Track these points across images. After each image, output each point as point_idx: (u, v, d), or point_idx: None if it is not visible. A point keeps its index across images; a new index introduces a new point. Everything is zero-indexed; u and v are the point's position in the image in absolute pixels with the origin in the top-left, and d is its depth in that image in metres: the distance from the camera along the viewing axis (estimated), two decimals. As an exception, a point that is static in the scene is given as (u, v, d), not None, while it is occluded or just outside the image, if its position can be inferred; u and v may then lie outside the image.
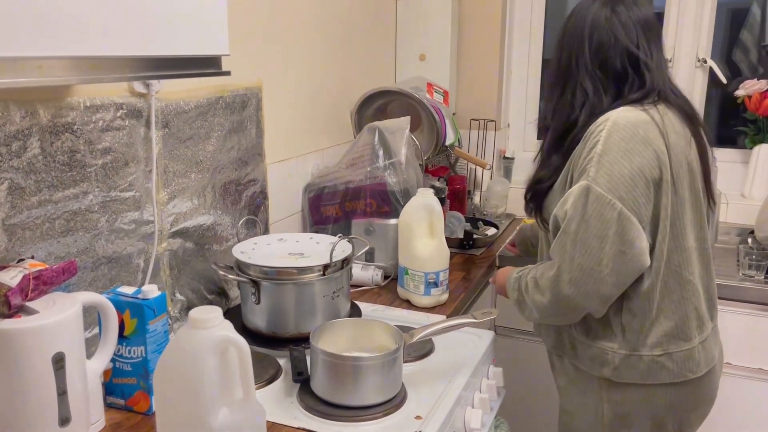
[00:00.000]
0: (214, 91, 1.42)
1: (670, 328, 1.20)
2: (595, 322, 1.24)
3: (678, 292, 1.21)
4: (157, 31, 0.87)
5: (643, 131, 1.16)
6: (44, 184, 1.06)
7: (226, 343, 0.83)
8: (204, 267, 1.44)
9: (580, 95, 1.24)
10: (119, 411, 1.11)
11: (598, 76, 1.23)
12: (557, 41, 1.31)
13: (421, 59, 2.38)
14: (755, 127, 2.27)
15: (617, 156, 1.14)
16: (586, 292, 1.15)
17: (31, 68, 0.73)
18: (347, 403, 1.10)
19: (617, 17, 1.24)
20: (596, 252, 1.13)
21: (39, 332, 0.87)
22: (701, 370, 1.23)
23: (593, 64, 1.24)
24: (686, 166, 1.21)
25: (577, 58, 1.25)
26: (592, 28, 1.24)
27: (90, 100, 1.12)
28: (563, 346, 1.32)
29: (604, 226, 1.12)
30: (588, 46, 1.24)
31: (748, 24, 2.34)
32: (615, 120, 1.17)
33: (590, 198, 1.13)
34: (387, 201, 1.72)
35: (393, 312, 1.52)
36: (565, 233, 1.16)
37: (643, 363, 1.20)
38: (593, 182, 1.13)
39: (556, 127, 1.28)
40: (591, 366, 1.25)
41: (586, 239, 1.13)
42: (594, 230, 1.13)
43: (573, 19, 1.28)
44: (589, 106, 1.23)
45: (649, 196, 1.15)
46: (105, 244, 1.18)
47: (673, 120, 1.22)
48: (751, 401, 1.86)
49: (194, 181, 1.39)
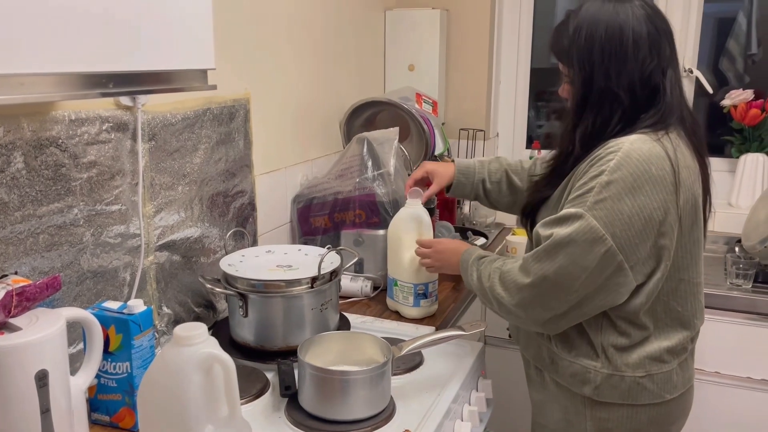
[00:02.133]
0: (202, 103, 1.42)
1: (653, 351, 1.18)
2: (578, 340, 1.21)
3: (664, 320, 1.19)
4: (142, 45, 0.86)
5: (655, 169, 1.08)
6: (28, 198, 1.05)
7: (211, 360, 0.83)
8: (191, 280, 1.43)
9: (604, 115, 1.15)
10: (104, 428, 1.10)
11: (621, 94, 1.13)
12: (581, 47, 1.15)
13: (410, 69, 2.38)
14: (741, 137, 2.29)
15: (621, 191, 1.08)
16: (550, 307, 1.14)
17: (13, 85, 0.73)
18: (335, 417, 1.09)
19: (653, 27, 1.13)
20: (572, 280, 1.10)
21: (22, 350, 0.86)
22: (678, 391, 1.22)
23: (620, 80, 1.13)
24: (692, 202, 1.15)
25: (608, 74, 1.13)
26: (635, 41, 1.12)
27: (75, 113, 1.11)
28: (542, 360, 1.28)
29: (590, 259, 1.08)
30: (627, 62, 1.12)
31: (734, 33, 2.37)
32: (627, 152, 1.09)
33: (582, 227, 1.08)
34: (376, 212, 1.71)
35: (382, 324, 1.52)
36: (547, 252, 1.12)
37: (624, 383, 1.18)
38: (589, 212, 1.08)
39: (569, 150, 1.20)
40: (572, 383, 1.22)
41: (568, 264, 1.10)
42: (579, 259, 1.09)
43: (602, 26, 1.13)
44: (600, 129, 1.15)
45: (645, 235, 1.09)
46: (90, 259, 1.17)
47: (685, 152, 1.15)
48: (739, 410, 1.86)
49: (181, 194, 1.38)
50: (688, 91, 2.36)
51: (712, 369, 1.87)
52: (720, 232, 2.23)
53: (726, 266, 1.97)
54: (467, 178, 1.54)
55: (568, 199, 1.15)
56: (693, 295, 1.21)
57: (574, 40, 1.16)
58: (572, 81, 1.19)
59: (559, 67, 1.24)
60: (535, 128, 2.67)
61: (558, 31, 1.22)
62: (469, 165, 1.55)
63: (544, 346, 1.27)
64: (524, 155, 2.59)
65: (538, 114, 2.67)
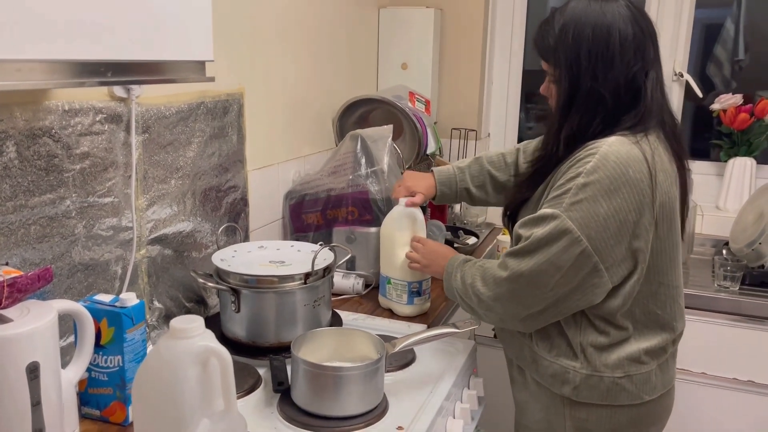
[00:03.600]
0: (196, 96, 1.41)
1: (632, 352, 1.18)
2: (558, 339, 1.21)
3: (643, 322, 1.19)
4: (140, 35, 0.85)
5: (632, 172, 1.08)
6: (20, 189, 1.03)
7: (207, 353, 0.82)
8: (183, 274, 1.42)
9: (588, 116, 1.15)
10: (94, 422, 1.08)
11: (606, 95, 1.13)
12: (568, 47, 1.14)
13: (403, 68, 2.38)
14: (730, 141, 2.31)
15: (597, 194, 1.08)
16: (527, 304, 1.15)
17: (10, 71, 0.72)
18: (328, 413, 1.08)
19: (638, 28, 1.13)
20: (548, 278, 1.11)
21: (13, 341, 0.85)
22: (657, 392, 1.22)
23: (606, 81, 1.12)
24: (669, 206, 1.15)
25: (595, 75, 1.12)
26: (621, 43, 1.11)
27: (68, 103, 1.10)
28: (524, 359, 1.28)
29: (565, 259, 1.09)
30: (614, 63, 1.12)
31: (722, 39, 2.39)
32: (605, 155, 1.09)
33: (558, 227, 1.09)
34: (369, 209, 1.71)
35: (374, 321, 1.51)
36: (524, 250, 1.13)
37: (603, 384, 1.18)
38: (565, 213, 1.09)
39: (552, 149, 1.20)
40: (552, 383, 1.22)
41: (543, 263, 1.11)
42: (554, 258, 1.10)
43: (590, 27, 1.12)
44: (583, 129, 1.15)
45: (620, 237, 1.10)
46: (82, 251, 1.16)
47: (663, 156, 1.15)
48: (725, 411, 1.88)
49: (174, 188, 1.37)
50: (678, 95, 2.38)
51: (699, 370, 1.89)
52: (708, 235, 2.25)
53: (714, 269, 1.99)
54: (449, 188, 1.53)
55: (547, 199, 1.15)
56: (672, 298, 1.21)
57: (560, 39, 1.15)
58: (557, 80, 1.18)
59: (542, 65, 1.23)
60: (526, 130, 2.68)
61: (543, 29, 1.20)
62: (450, 175, 1.53)
63: (526, 346, 1.26)
64: (515, 156, 2.60)
65: (528, 116, 2.68)
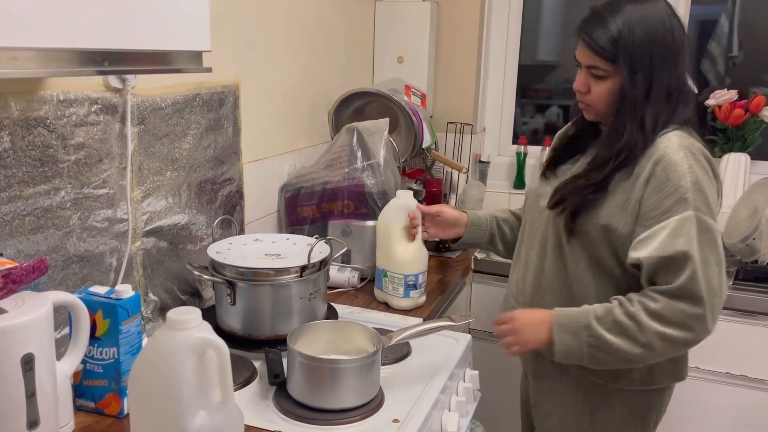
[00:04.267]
0: (192, 88, 1.40)
1: None
2: None
3: None
4: (138, 24, 0.84)
5: (708, 156, 1.19)
6: (14, 179, 1.02)
7: (204, 345, 0.81)
8: (178, 267, 1.41)
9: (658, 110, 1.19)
10: (89, 414, 1.08)
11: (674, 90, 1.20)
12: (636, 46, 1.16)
13: (399, 61, 2.38)
14: (725, 137, 2.32)
15: (707, 182, 1.15)
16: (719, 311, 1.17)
17: (6, 59, 0.71)
18: (324, 406, 1.08)
19: (679, 24, 1.20)
20: (720, 279, 1.15)
21: (8, 332, 0.84)
22: (656, 384, 1.31)
23: (672, 77, 1.19)
24: None
25: (665, 69, 1.18)
26: (679, 38, 1.18)
27: (64, 93, 1.09)
28: None
29: (719, 252, 1.15)
30: (675, 57, 1.18)
31: (716, 36, 2.40)
32: (689, 147, 1.17)
33: (703, 227, 1.14)
34: (365, 202, 1.71)
35: (370, 314, 1.51)
36: (695, 273, 1.12)
37: (659, 367, 1.26)
38: (698, 211, 1.13)
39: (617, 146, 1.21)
40: (605, 377, 1.28)
41: (712, 268, 1.13)
42: (714, 259, 1.14)
43: (653, 24, 1.17)
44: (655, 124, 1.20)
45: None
46: (77, 242, 1.15)
47: None
48: (719, 404, 1.89)
49: (169, 179, 1.36)
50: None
51: (692, 364, 1.88)
52: (701, 230, 2.25)
53: (707, 263, 2.00)
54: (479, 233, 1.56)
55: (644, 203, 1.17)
56: None
57: (625, 39, 1.15)
58: (609, 76, 1.19)
59: (578, 61, 1.23)
60: (521, 125, 2.68)
61: (596, 29, 1.18)
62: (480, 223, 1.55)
63: None
64: (510, 150, 2.61)
65: (524, 110, 2.68)
